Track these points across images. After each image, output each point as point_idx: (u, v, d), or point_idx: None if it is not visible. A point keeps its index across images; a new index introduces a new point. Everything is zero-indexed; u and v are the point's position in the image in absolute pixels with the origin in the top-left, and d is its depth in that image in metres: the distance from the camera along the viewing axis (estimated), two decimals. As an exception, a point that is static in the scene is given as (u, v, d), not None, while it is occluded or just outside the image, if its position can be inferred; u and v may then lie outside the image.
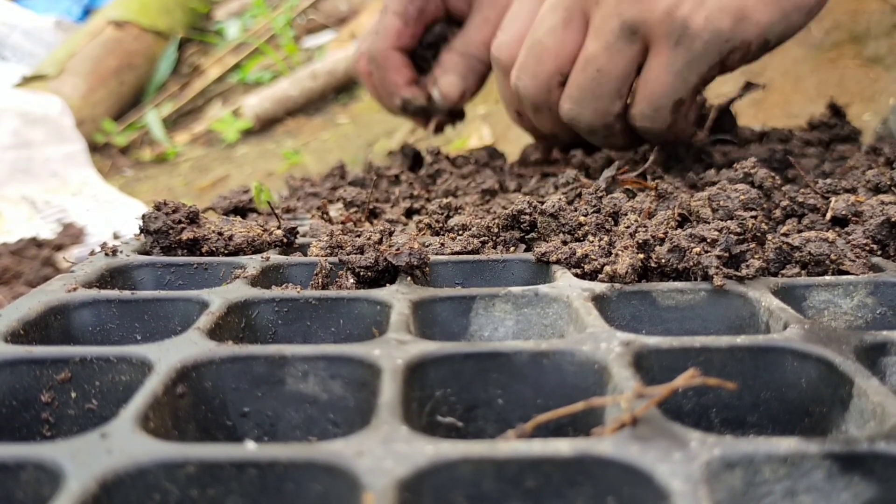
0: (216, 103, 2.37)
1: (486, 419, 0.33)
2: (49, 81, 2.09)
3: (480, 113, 1.89)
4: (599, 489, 0.24)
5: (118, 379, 0.32)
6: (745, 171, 0.53)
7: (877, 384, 0.28)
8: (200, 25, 2.81)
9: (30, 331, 0.37)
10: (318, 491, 0.24)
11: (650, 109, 0.61)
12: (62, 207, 1.45)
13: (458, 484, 0.24)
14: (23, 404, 0.32)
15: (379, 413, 0.27)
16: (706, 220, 0.45)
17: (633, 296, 0.39)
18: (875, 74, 1.58)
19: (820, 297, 0.39)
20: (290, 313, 0.40)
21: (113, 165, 2.03)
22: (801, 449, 0.24)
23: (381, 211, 0.66)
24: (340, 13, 2.71)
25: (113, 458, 0.24)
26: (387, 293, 0.39)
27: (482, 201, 0.68)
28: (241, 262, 0.46)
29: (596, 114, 0.63)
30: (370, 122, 2.01)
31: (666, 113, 0.61)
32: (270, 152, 1.96)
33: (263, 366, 0.32)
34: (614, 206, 0.50)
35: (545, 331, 0.39)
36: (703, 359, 0.32)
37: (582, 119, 0.64)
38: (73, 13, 2.74)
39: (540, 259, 0.45)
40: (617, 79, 0.61)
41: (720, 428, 0.32)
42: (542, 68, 0.64)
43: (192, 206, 0.51)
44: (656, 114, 0.62)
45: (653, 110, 0.61)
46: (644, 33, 0.58)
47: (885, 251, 0.44)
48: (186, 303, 0.40)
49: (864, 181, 0.52)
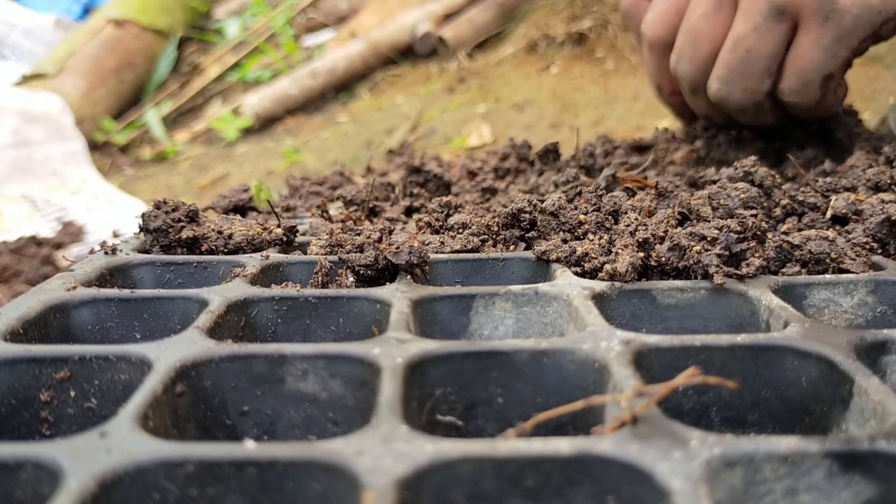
0: (216, 102, 2.37)
1: (486, 418, 0.33)
2: (49, 80, 2.09)
3: (480, 112, 1.89)
4: (599, 488, 0.24)
5: (117, 378, 0.32)
6: (746, 170, 0.53)
7: (877, 383, 0.28)
8: (200, 24, 2.80)
9: (29, 329, 0.37)
10: (317, 490, 0.24)
11: (799, 84, 0.63)
12: (62, 206, 1.45)
13: (458, 483, 0.24)
14: (22, 403, 0.32)
15: (379, 412, 0.27)
16: (706, 218, 0.45)
17: (633, 294, 0.39)
18: (875, 73, 1.58)
19: (820, 296, 0.39)
20: (290, 312, 0.40)
21: (113, 164, 2.03)
22: (802, 448, 0.24)
23: (381, 209, 0.66)
24: (340, 12, 2.71)
25: (112, 457, 0.24)
26: (386, 292, 0.39)
27: (482, 199, 0.68)
28: (241, 261, 0.46)
29: (745, 93, 0.65)
30: (370, 120, 2.01)
31: (815, 88, 0.63)
32: (270, 151, 1.96)
33: (263, 364, 0.32)
34: (614, 204, 0.50)
35: (545, 329, 0.39)
36: (703, 357, 0.32)
37: (731, 98, 0.66)
38: (73, 12, 2.74)
39: (540, 257, 0.45)
40: (766, 57, 0.63)
41: (720, 427, 0.32)
42: (698, 53, 0.67)
43: (192, 205, 0.51)
44: (805, 88, 0.63)
45: (802, 85, 0.63)
46: (792, 12, 0.60)
47: (885, 249, 0.44)
48: (186, 301, 0.40)
49: (864, 180, 0.52)
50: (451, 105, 1.97)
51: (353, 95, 2.23)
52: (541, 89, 1.93)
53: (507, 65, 2.12)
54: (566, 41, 2.07)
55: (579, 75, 1.95)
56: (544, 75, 2.00)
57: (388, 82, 2.24)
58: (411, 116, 1.94)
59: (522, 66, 2.08)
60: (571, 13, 2.13)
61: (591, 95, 1.85)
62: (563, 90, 1.90)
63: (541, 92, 1.92)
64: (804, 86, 0.63)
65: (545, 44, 2.10)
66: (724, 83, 0.66)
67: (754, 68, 0.63)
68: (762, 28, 0.61)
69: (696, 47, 0.67)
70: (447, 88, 2.08)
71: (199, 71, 2.54)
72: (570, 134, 1.64)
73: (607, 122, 1.69)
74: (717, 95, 0.67)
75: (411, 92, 2.13)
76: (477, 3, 2.32)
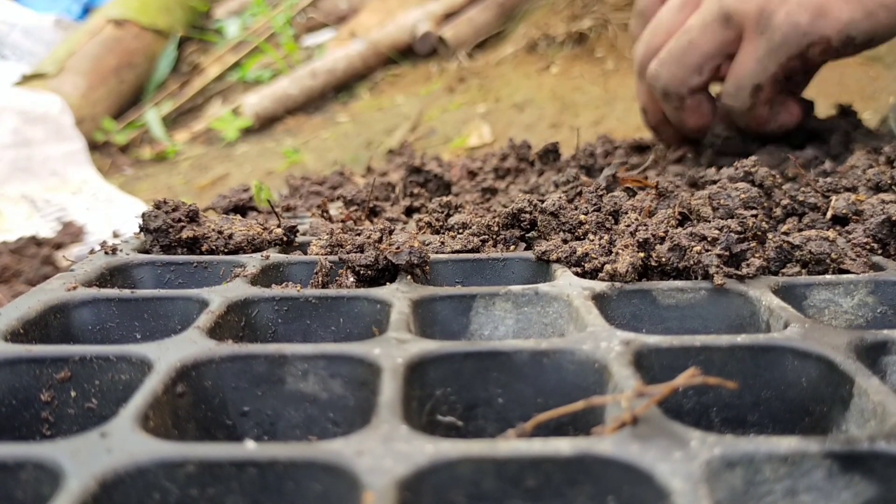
0: (216, 102, 2.37)
1: (487, 418, 0.33)
2: (49, 80, 2.09)
3: (480, 112, 1.89)
4: (600, 488, 0.24)
5: (118, 378, 0.32)
6: (746, 170, 0.53)
7: (877, 383, 0.28)
8: (200, 24, 2.80)
9: (29, 330, 0.37)
10: (317, 490, 0.24)
11: (733, 88, 0.69)
12: (62, 206, 1.45)
13: (458, 483, 0.24)
14: (22, 403, 0.32)
15: (379, 412, 0.27)
16: (706, 218, 0.45)
17: (633, 294, 0.39)
18: (875, 73, 1.58)
19: (820, 296, 0.39)
20: (290, 312, 0.40)
21: (113, 164, 2.03)
22: (802, 448, 0.24)
23: (381, 209, 0.66)
24: (340, 11, 2.70)
25: (113, 458, 0.24)
26: (387, 292, 0.39)
27: (482, 199, 0.68)
28: (241, 261, 0.46)
29: (673, 79, 0.70)
30: (370, 120, 2.01)
31: (745, 94, 0.68)
32: (270, 151, 1.96)
33: (263, 365, 0.32)
34: (614, 204, 0.50)
35: (545, 330, 0.39)
36: (703, 358, 0.32)
37: (660, 79, 0.71)
38: (73, 11, 2.73)
39: (540, 258, 0.45)
40: (702, 54, 0.68)
41: (720, 427, 0.32)
42: (654, 40, 0.73)
43: (192, 205, 0.51)
44: (738, 93, 0.68)
45: (735, 89, 0.68)
46: (738, 22, 0.65)
47: (885, 250, 0.44)
48: (186, 301, 0.40)
49: (864, 180, 0.52)
50: (451, 105, 1.97)
51: (353, 95, 2.23)
52: (541, 89, 1.93)
53: (507, 65, 2.12)
54: (566, 41, 2.07)
55: (579, 75, 1.95)
56: (544, 75, 2.00)
57: (388, 82, 2.24)
58: (411, 116, 1.94)
59: (522, 65, 2.08)
60: (571, 13, 2.13)
61: (591, 95, 1.85)
62: (563, 90, 1.90)
63: (541, 92, 1.92)
64: (737, 90, 0.68)
65: (545, 44, 2.10)
66: (660, 64, 0.70)
67: (689, 59, 0.68)
68: (708, 27, 0.67)
69: (654, 35, 0.73)
70: (447, 88, 2.08)
71: (199, 71, 2.53)
72: (570, 134, 1.64)
73: (607, 122, 1.69)
74: (651, 74, 0.72)
75: (411, 92, 2.13)
76: (477, 3, 2.32)
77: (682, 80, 0.70)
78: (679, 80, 0.70)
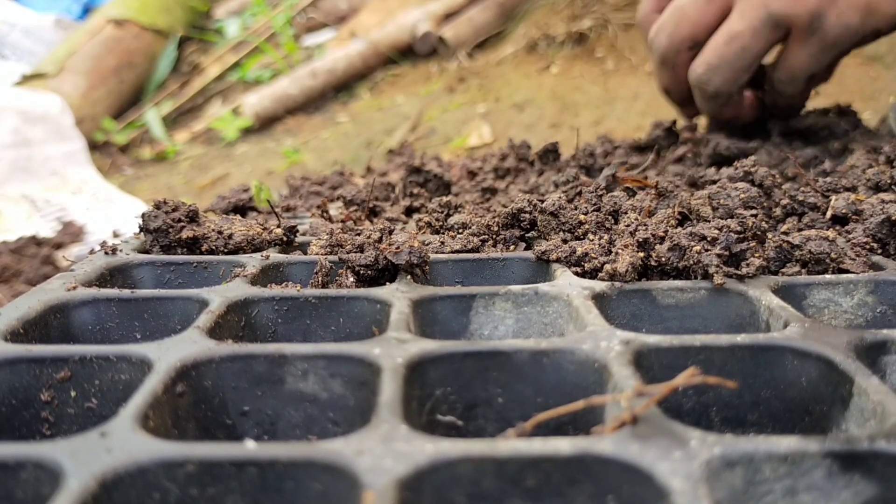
0: (216, 102, 2.37)
1: (486, 418, 0.33)
2: (49, 80, 2.09)
3: (480, 111, 1.89)
4: (599, 488, 0.24)
5: (118, 378, 0.32)
6: (745, 170, 0.53)
7: (877, 383, 0.28)
8: (200, 24, 2.80)
9: (29, 329, 0.37)
10: (318, 490, 0.24)
11: (787, 78, 0.74)
12: (62, 206, 1.45)
13: (458, 483, 0.24)
14: (22, 403, 0.32)
15: (379, 412, 0.27)
16: (706, 218, 0.45)
17: (633, 294, 0.39)
18: (875, 73, 1.58)
19: (820, 296, 0.39)
20: (290, 312, 0.40)
21: (113, 164, 2.03)
22: (802, 448, 0.24)
23: (381, 209, 0.66)
24: (340, 11, 2.71)
25: (113, 457, 0.24)
26: (387, 292, 0.39)
27: (482, 199, 0.68)
28: (241, 261, 0.46)
29: (726, 82, 0.73)
30: (370, 120, 2.01)
31: (800, 82, 0.74)
32: (270, 151, 1.96)
33: (263, 364, 0.32)
34: (614, 204, 0.50)
35: (545, 329, 0.39)
36: (703, 357, 0.32)
37: (711, 83, 0.74)
38: (73, 11, 2.74)
39: (540, 257, 0.45)
40: (755, 56, 0.71)
41: (720, 426, 0.32)
42: (678, 31, 0.74)
43: (192, 205, 0.51)
44: (793, 81, 0.74)
45: (789, 79, 0.74)
46: (787, 25, 0.69)
47: (885, 250, 0.44)
48: (186, 301, 0.40)
49: (864, 179, 0.52)
50: (451, 105, 1.97)
51: (353, 95, 2.23)
52: (541, 89, 1.93)
53: (507, 64, 2.12)
54: (566, 41, 2.08)
55: (579, 75, 1.95)
56: (544, 75, 2.00)
57: (388, 82, 2.24)
58: (411, 116, 1.94)
59: (522, 65, 2.08)
60: (571, 13, 2.13)
61: (591, 95, 1.85)
62: (563, 90, 1.90)
63: (541, 92, 1.92)
64: (791, 80, 0.74)
65: (545, 43, 2.10)
66: (711, 70, 0.73)
67: (743, 63, 0.71)
68: (759, 32, 0.69)
69: (678, 26, 0.74)
70: (447, 88, 2.08)
71: (199, 71, 2.54)
72: (570, 134, 1.64)
73: (607, 122, 1.69)
74: (700, 78, 0.74)
75: (411, 92, 2.13)
76: (477, 3, 2.32)
77: (735, 82, 0.73)
78: (731, 82, 0.73)
